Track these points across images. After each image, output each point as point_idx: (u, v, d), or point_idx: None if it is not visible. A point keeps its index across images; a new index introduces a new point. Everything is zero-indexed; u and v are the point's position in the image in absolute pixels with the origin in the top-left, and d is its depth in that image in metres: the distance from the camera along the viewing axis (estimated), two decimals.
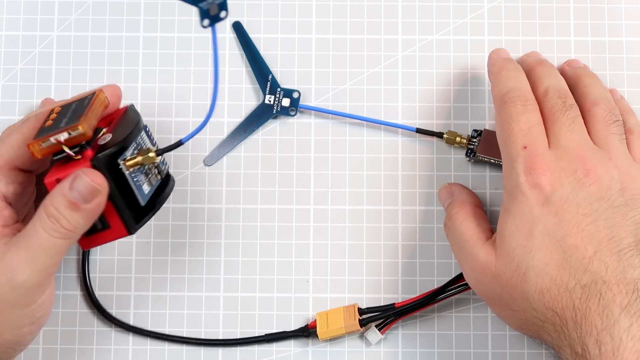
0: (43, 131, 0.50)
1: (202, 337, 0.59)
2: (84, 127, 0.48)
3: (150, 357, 0.59)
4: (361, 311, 0.58)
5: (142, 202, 0.51)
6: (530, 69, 0.56)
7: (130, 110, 0.54)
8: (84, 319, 0.60)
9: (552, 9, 0.62)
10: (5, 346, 0.50)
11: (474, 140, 0.60)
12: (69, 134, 0.49)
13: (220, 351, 0.59)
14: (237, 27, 0.62)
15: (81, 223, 0.48)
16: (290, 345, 0.59)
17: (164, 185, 0.54)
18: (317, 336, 0.58)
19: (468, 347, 0.59)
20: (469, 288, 0.56)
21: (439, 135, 0.60)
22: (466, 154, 0.60)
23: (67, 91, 0.60)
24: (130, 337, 0.60)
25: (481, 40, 0.62)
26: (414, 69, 0.62)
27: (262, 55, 0.62)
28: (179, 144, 0.50)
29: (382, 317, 0.58)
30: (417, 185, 0.60)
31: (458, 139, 0.60)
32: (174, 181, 0.55)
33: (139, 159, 0.50)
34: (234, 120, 0.61)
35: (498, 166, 0.60)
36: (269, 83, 0.61)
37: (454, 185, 0.58)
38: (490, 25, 0.62)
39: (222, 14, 0.46)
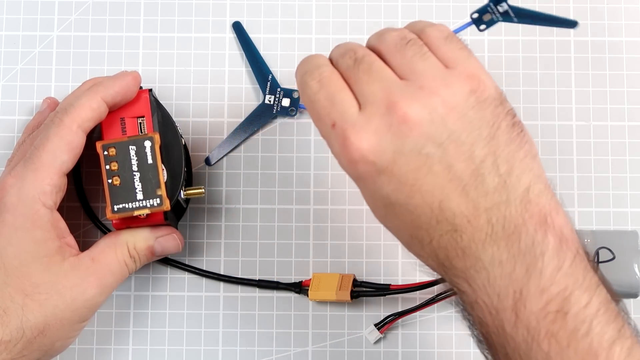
0: (116, 196, 0.53)
1: (202, 337, 0.59)
2: (167, 205, 0.53)
3: (150, 357, 0.59)
4: (356, 283, 0.59)
5: (185, 206, 0.59)
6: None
7: (171, 125, 0.57)
8: None
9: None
10: (50, 354, 0.53)
11: None
12: (151, 209, 0.53)
13: (220, 351, 0.59)
14: (237, 27, 0.62)
15: (146, 262, 0.56)
16: (290, 345, 0.59)
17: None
18: (307, 295, 0.59)
19: (468, 347, 0.59)
20: None
21: None
22: None
23: (67, 91, 0.60)
24: (131, 337, 0.60)
25: (481, 40, 0.62)
26: None
27: (262, 55, 0.62)
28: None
29: (376, 294, 0.58)
30: None
31: None
32: None
33: (200, 191, 0.56)
34: (234, 120, 0.61)
35: None
36: (269, 83, 0.61)
37: None
38: None
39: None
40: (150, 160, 0.53)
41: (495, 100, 0.46)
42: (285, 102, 0.61)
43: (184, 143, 0.57)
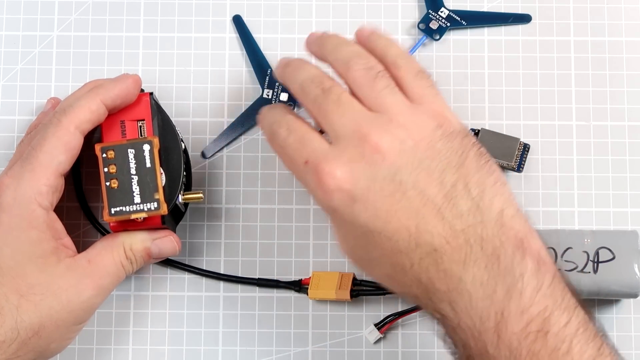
0: (114, 198, 0.53)
1: (202, 337, 0.59)
2: (164, 209, 0.53)
3: (150, 357, 0.59)
4: (355, 282, 0.59)
5: (183, 210, 0.58)
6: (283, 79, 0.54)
7: (170, 129, 0.56)
8: None
9: (552, 9, 0.62)
10: (45, 355, 0.53)
11: None
12: (148, 213, 0.53)
13: (220, 351, 0.59)
14: (237, 21, 0.62)
15: (143, 264, 0.56)
16: (290, 345, 0.59)
17: None
18: (307, 293, 0.59)
19: None
20: None
21: None
22: None
23: (67, 91, 0.60)
24: (131, 337, 0.60)
25: (481, 40, 0.62)
26: None
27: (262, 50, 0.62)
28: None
29: (376, 293, 0.58)
30: None
31: None
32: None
33: (198, 196, 0.56)
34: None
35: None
36: (267, 77, 0.61)
37: None
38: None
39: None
40: (148, 164, 0.53)
41: (461, 133, 0.49)
42: (284, 96, 0.61)
43: (183, 147, 0.57)
